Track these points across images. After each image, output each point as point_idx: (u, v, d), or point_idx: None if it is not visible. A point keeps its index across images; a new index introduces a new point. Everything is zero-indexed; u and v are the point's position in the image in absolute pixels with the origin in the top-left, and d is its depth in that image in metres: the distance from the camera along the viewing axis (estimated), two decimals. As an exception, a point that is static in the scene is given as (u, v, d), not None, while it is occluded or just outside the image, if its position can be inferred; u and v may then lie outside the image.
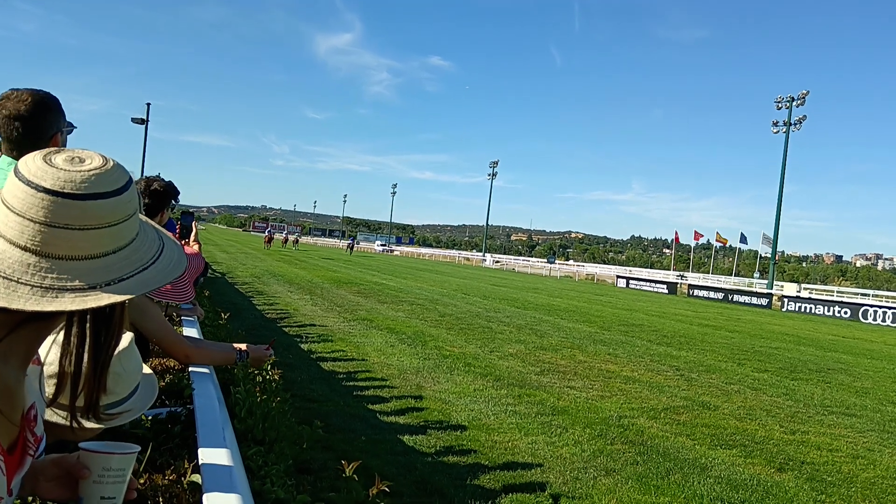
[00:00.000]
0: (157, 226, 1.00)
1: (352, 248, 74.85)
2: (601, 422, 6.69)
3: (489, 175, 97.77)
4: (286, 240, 71.04)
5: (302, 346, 9.53)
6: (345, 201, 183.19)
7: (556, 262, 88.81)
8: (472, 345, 11.16)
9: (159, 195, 3.35)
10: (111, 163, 0.87)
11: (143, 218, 0.96)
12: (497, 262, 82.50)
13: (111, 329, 0.91)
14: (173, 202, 3.59)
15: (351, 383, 7.45)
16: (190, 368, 2.53)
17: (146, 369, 1.39)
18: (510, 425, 6.22)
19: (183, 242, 2.64)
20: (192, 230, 5.45)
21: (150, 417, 1.96)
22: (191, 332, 3.34)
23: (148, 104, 40.98)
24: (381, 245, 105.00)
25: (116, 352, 1.08)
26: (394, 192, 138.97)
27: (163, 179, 3.48)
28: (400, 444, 5.30)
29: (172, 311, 3.93)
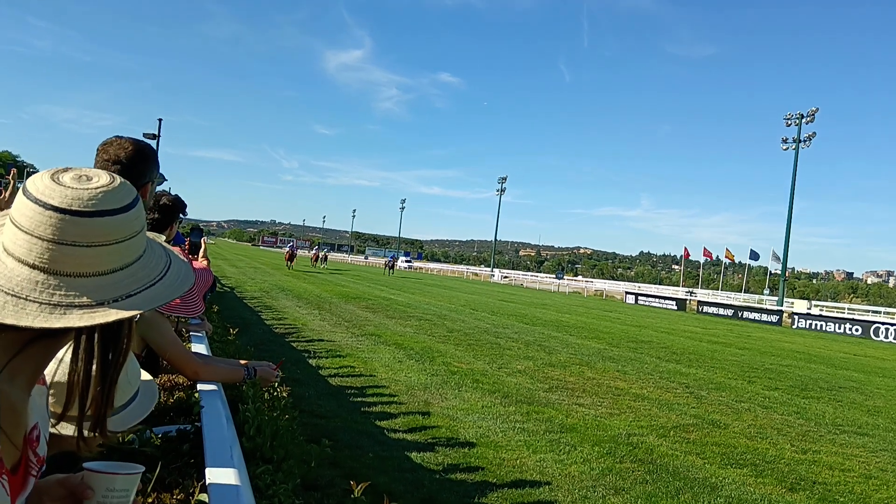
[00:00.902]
0: (163, 243, 1.01)
1: (392, 268, 60.71)
2: (610, 440, 6.64)
3: (498, 191, 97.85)
4: (317, 257, 60.27)
5: (310, 361, 9.53)
6: (353, 216, 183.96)
7: (565, 277, 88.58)
8: (480, 361, 11.12)
9: (168, 210, 3.38)
10: (118, 180, 0.88)
11: (151, 235, 0.97)
12: (505, 277, 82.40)
13: (119, 345, 0.91)
14: (181, 216, 3.62)
15: (359, 399, 7.43)
16: (198, 385, 2.54)
17: (145, 375, 1.39)
18: (518, 442, 6.18)
19: (191, 258, 2.66)
20: (201, 246, 5.48)
21: (160, 435, 1.96)
22: (199, 348, 3.35)
23: (160, 119, 41.46)
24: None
25: None
26: (402, 208, 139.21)
27: (171, 194, 3.51)
28: (407, 461, 5.28)
29: (182, 326, 3.95)
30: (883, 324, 35.47)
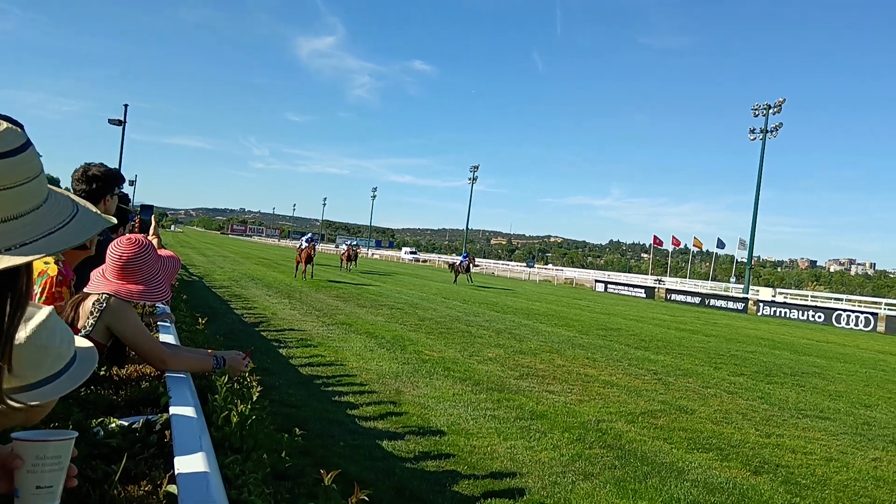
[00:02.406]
0: (77, 198, 0.95)
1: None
2: (580, 426, 6.72)
3: (469, 179, 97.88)
4: (349, 256, 38.72)
5: (280, 350, 9.47)
6: (324, 204, 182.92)
7: (536, 266, 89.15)
8: (451, 349, 11.16)
9: (98, 179, 3.30)
10: (3, 124, 0.82)
11: (61, 191, 0.92)
12: (477, 265, 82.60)
13: (16, 297, 0.86)
14: (117, 188, 3.52)
15: (330, 388, 7.41)
16: (166, 375, 2.51)
17: (83, 342, 1.33)
18: (489, 430, 6.22)
19: (143, 237, 2.61)
20: (151, 223, 5.38)
21: (124, 426, 1.93)
22: (167, 338, 3.30)
23: (125, 105, 40.65)
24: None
25: (36, 324, 1.05)
26: (374, 196, 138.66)
27: (103, 165, 3.41)
28: (379, 450, 5.28)
29: (149, 317, 3.89)
30: (844, 311, 36.38)
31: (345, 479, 2.72)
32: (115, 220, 0.96)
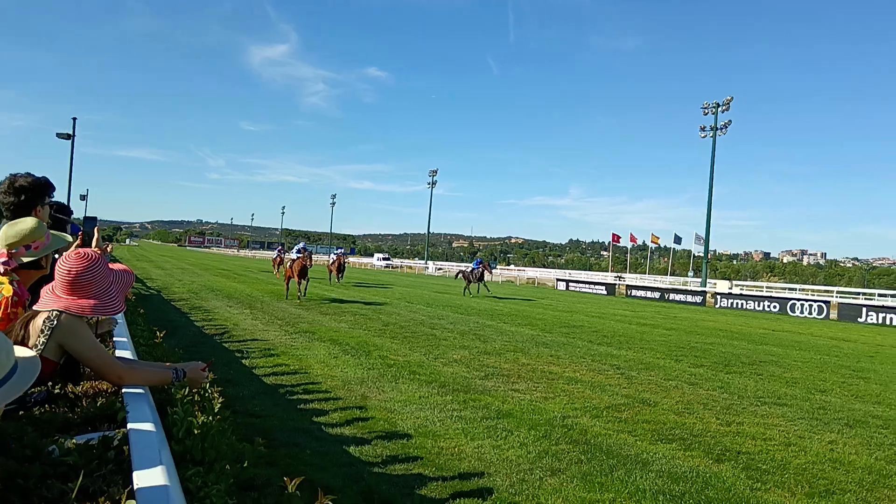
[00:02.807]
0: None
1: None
2: (545, 423, 6.78)
3: (429, 184, 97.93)
4: (339, 265, 35.44)
5: (243, 361, 9.34)
6: (283, 213, 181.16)
7: (498, 267, 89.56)
8: (416, 352, 11.15)
9: (25, 190, 3.21)
10: None
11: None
12: (440, 269, 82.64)
13: None
14: (48, 198, 3.43)
15: (295, 397, 7.34)
16: (124, 390, 2.46)
17: (24, 352, 1.31)
18: (456, 431, 6.24)
19: (92, 251, 2.55)
20: (94, 235, 5.25)
21: (81, 443, 1.89)
22: (124, 353, 3.23)
23: (74, 119, 39.62)
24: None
25: None
26: (333, 203, 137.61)
27: (30, 175, 3.32)
28: (346, 456, 5.25)
29: (105, 332, 3.80)
30: (798, 300, 37.38)
31: (311, 486, 2.71)
32: (70, 238, 0.96)
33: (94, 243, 4.97)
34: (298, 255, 22.39)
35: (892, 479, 5.65)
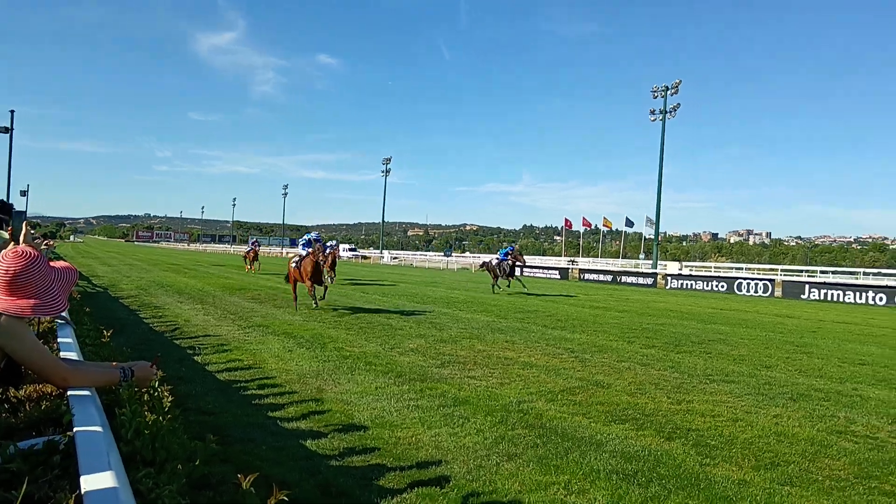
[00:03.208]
0: None
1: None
2: (502, 408, 6.86)
3: (383, 172, 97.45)
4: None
5: (196, 358, 9.19)
6: (234, 205, 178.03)
7: (453, 254, 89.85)
8: (372, 343, 11.13)
9: None
10: None
11: None
12: (395, 258, 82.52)
13: None
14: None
15: (249, 392, 7.26)
16: (69, 392, 2.40)
17: None
18: (413, 420, 6.27)
19: (30, 248, 2.47)
20: (21, 231, 5.09)
21: (24, 449, 1.84)
22: (69, 353, 3.15)
23: (12, 111, 38.17)
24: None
25: None
26: (285, 194, 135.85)
27: None
28: (302, 450, 5.23)
29: (47, 331, 3.70)
30: (745, 279, 38.55)
31: (268, 482, 2.69)
32: (6, 235, 0.94)
33: (21, 238, 4.79)
34: (307, 249, 16.97)
35: (833, 450, 5.89)
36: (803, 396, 8.20)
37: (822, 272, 46.11)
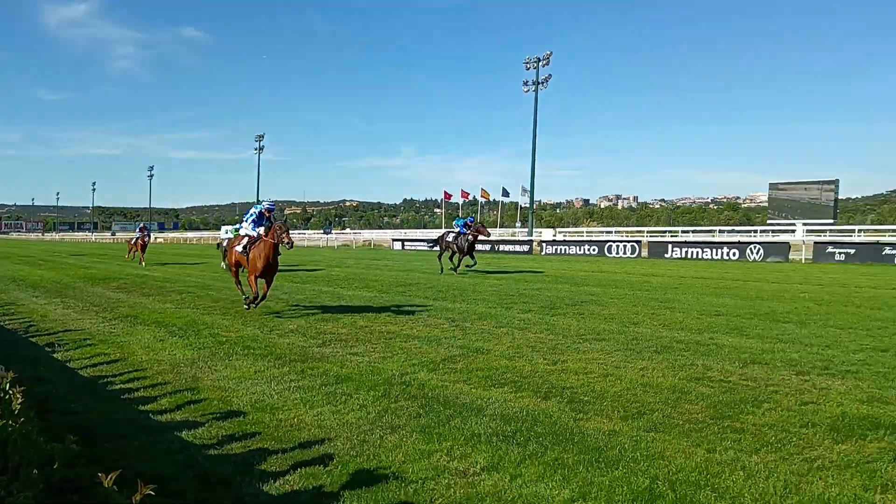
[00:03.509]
0: None
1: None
2: (384, 382, 6.91)
3: (255, 149, 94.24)
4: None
5: (55, 355, 8.56)
6: (94, 190, 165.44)
7: (333, 231, 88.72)
8: (250, 327, 10.84)
9: None
10: None
11: None
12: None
13: None
14: None
15: (117, 387, 6.87)
16: None
17: None
18: (294, 401, 6.19)
19: None
20: None
21: None
22: None
23: None
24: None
25: None
26: (151, 175, 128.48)
27: None
28: (178, 442, 5.04)
29: None
30: (614, 242, 40.78)
31: (141, 478, 2.58)
32: None
33: None
34: (258, 227, 12.81)
35: (692, 395, 6.40)
36: (666, 348, 8.82)
37: (682, 232, 49.59)
